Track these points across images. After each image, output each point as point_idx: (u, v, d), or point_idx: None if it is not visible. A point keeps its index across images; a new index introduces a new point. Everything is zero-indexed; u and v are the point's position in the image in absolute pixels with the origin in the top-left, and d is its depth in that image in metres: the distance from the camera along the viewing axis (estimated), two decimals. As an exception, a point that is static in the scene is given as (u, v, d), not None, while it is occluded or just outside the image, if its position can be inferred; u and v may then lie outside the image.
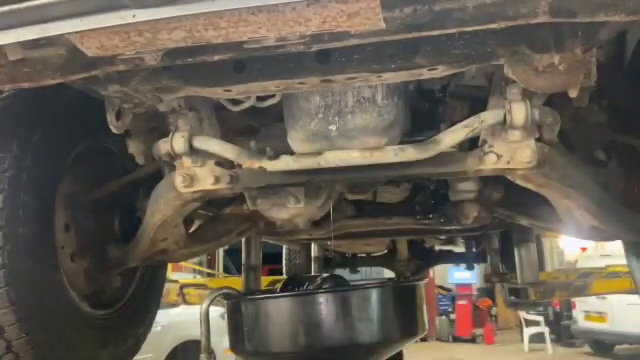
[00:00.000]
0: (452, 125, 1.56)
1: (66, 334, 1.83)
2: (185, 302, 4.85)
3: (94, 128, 1.77)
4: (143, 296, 2.44)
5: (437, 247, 5.37)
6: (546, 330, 10.39)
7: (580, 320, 9.63)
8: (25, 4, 1.02)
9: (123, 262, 2.11)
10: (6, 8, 1.03)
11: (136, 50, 1.14)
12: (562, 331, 11.01)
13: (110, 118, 1.53)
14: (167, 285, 3.69)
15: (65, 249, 1.93)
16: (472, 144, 1.65)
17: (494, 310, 12.77)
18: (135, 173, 2.06)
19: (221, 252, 10.88)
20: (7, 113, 1.71)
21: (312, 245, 5.19)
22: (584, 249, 10.84)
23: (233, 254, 9.26)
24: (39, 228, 1.72)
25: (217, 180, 1.67)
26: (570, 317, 10.33)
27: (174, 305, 5.43)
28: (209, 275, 9.57)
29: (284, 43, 1.16)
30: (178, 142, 1.60)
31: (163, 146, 1.65)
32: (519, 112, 1.44)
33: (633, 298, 7.37)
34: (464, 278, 12.09)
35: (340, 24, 1.04)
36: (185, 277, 6.56)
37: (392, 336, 1.99)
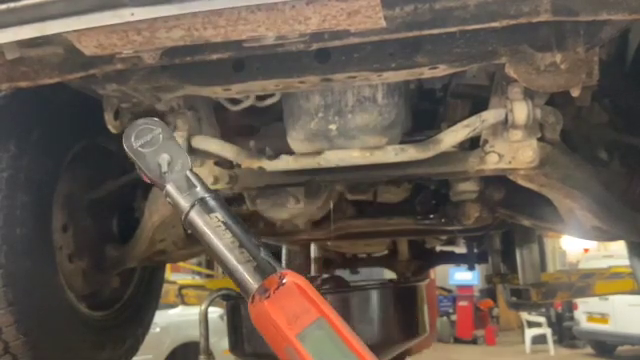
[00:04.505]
0: (453, 124, 1.54)
1: (64, 335, 1.81)
2: (184, 303, 4.83)
3: (92, 128, 1.75)
4: (141, 297, 2.42)
5: (438, 248, 5.34)
6: (548, 331, 10.35)
7: (582, 321, 9.59)
8: (22, 2, 1.01)
9: (121, 263, 2.10)
10: (3, 6, 1.02)
11: (134, 49, 1.13)
12: (564, 332, 10.98)
13: (108, 117, 1.53)
14: (165, 286, 3.67)
15: (63, 250, 1.92)
16: (473, 144, 1.64)
17: (495, 311, 12.73)
18: (133, 173, 2.04)
19: (221, 253, 10.83)
20: (4, 113, 1.70)
21: (312, 246, 5.16)
22: (587, 250, 10.83)
23: (233, 255, 9.20)
24: (37, 228, 1.71)
25: (216, 180, 1.66)
26: (572, 318, 10.30)
27: (173, 306, 5.42)
28: (208, 276, 9.54)
29: (284, 42, 1.15)
30: None
31: (162, 146, 1.64)
32: (521, 111, 1.43)
33: (636, 299, 7.36)
34: (465, 279, 12.06)
35: (340, 22, 1.02)
36: (184, 278, 6.55)
37: (392, 338, 1.97)
